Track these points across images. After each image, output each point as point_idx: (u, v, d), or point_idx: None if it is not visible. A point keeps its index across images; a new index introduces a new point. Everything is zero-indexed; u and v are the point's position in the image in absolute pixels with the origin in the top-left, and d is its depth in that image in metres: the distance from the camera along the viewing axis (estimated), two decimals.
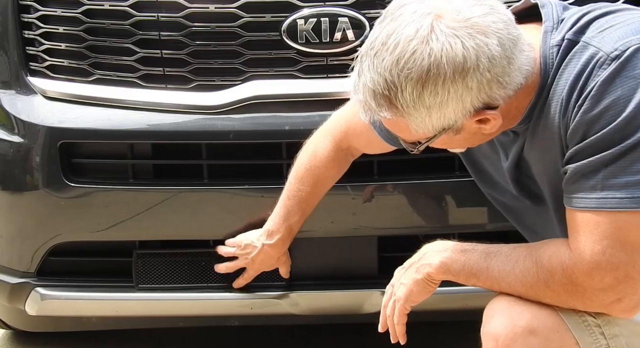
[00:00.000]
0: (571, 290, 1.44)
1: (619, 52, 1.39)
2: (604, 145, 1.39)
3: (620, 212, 1.38)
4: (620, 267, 1.39)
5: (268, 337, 2.93)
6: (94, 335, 2.91)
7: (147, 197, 2.24)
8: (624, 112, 1.37)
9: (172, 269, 2.30)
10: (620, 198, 1.37)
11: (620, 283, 1.40)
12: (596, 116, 1.39)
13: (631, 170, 1.37)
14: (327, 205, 2.20)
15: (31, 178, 2.28)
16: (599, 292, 1.42)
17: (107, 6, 2.21)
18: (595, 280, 1.41)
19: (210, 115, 2.21)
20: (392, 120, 1.48)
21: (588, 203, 1.40)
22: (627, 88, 1.37)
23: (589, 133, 1.40)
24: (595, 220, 1.40)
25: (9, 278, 2.37)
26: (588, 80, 1.41)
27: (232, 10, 2.16)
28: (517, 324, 1.49)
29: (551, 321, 1.48)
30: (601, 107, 1.39)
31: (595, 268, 1.40)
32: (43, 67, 2.29)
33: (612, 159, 1.38)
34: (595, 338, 1.48)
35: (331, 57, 2.17)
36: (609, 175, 1.38)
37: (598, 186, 1.39)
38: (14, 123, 2.29)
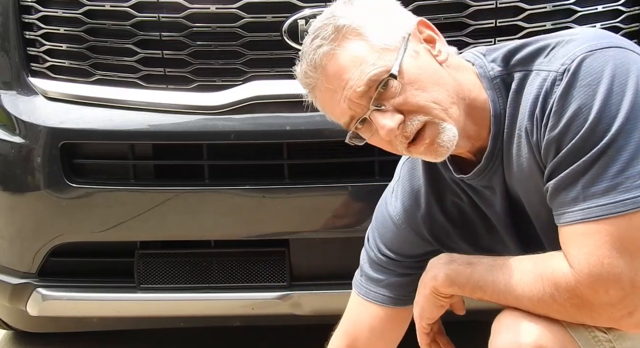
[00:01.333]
0: (578, 304, 1.38)
1: (567, 66, 1.38)
2: (576, 155, 1.36)
3: (606, 218, 1.34)
4: (622, 276, 1.33)
5: (269, 337, 2.93)
6: (95, 336, 2.91)
7: (148, 198, 2.24)
8: (588, 120, 1.35)
9: (173, 269, 2.30)
10: (604, 205, 1.34)
11: (628, 295, 1.34)
12: (563, 130, 1.38)
13: (608, 175, 1.34)
14: (328, 205, 2.20)
15: (32, 178, 2.28)
16: (607, 306, 1.36)
17: (108, 7, 2.21)
18: (600, 293, 1.35)
19: (211, 115, 2.21)
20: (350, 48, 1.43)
21: (574, 216, 1.36)
22: (584, 96, 1.36)
23: (560, 147, 1.38)
24: (584, 232, 1.35)
25: (10, 278, 2.37)
26: (546, 99, 1.40)
27: (233, 10, 2.16)
28: (524, 341, 1.44)
29: (560, 337, 1.44)
30: (565, 120, 1.37)
31: (597, 281, 1.34)
32: (44, 68, 2.29)
33: (586, 166, 1.35)
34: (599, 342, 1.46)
35: None
36: (587, 184, 1.35)
37: (580, 197, 1.36)
38: (15, 124, 2.30)
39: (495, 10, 2.17)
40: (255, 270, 2.29)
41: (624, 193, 1.33)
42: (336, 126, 2.20)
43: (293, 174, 2.21)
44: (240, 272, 2.29)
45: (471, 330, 1.69)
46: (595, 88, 1.36)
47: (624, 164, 1.33)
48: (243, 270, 2.29)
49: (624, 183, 1.33)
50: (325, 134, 2.19)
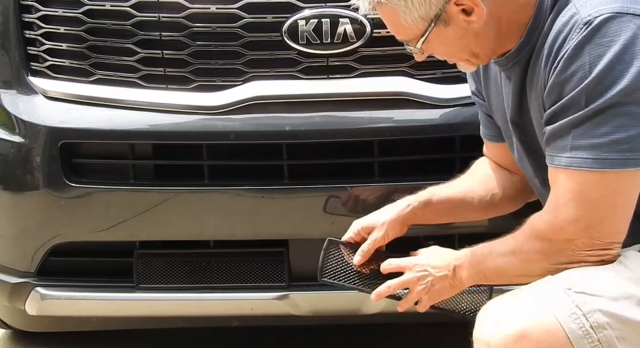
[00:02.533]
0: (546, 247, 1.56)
1: (591, 18, 1.48)
2: (573, 107, 1.49)
3: (584, 171, 1.49)
4: (579, 220, 1.51)
5: (268, 337, 2.93)
6: (94, 335, 2.91)
7: (147, 198, 2.24)
8: (589, 77, 1.47)
9: (172, 269, 2.30)
10: (585, 159, 1.48)
11: (581, 232, 1.52)
12: (566, 78, 1.50)
13: (596, 133, 1.47)
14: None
15: (32, 178, 2.28)
16: (566, 243, 1.54)
17: (108, 6, 2.21)
18: (558, 231, 1.54)
19: (211, 115, 2.21)
20: (384, 10, 1.62)
21: (560, 161, 1.52)
22: (594, 54, 1.47)
23: (561, 94, 1.51)
24: (564, 177, 1.52)
25: (9, 278, 2.37)
26: (564, 42, 1.51)
27: (233, 10, 2.16)
28: (507, 328, 1.50)
29: (542, 322, 1.49)
30: (571, 70, 1.49)
31: (558, 220, 1.53)
32: (44, 67, 2.29)
33: (579, 121, 1.48)
34: (586, 332, 1.49)
35: (332, 57, 2.17)
36: (577, 136, 1.49)
37: (568, 146, 1.50)
38: (15, 123, 2.30)
39: None
40: (254, 271, 2.29)
41: (606, 152, 1.47)
42: (336, 127, 2.21)
43: (292, 175, 2.21)
44: (239, 272, 2.29)
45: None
46: (607, 49, 1.46)
47: (613, 127, 1.46)
48: (242, 270, 2.29)
49: (609, 145, 1.47)
50: (325, 134, 2.19)
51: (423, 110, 2.19)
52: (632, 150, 1.46)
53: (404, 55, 2.17)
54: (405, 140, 2.20)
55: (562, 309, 1.49)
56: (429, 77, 2.19)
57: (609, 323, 1.48)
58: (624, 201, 1.51)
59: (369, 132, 2.19)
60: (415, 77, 2.19)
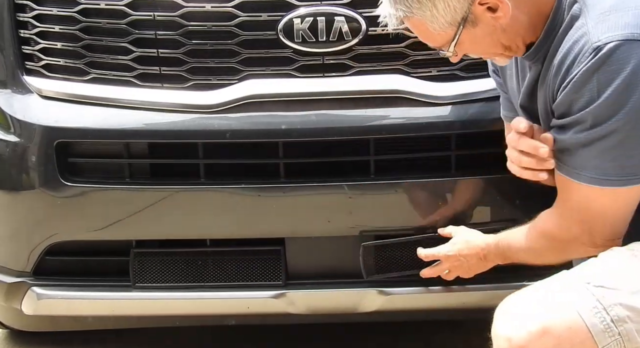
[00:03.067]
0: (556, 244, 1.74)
1: (601, 44, 1.53)
2: (580, 125, 1.58)
3: (588, 186, 1.61)
4: (584, 224, 1.67)
5: (266, 336, 2.93)
6: (90, 335, 2.90)
7: (143, 196, 2.24)
8: (597, 101, 1.53)
9: (169, 268, 2.30)
10: (591, 177, 1.60)
11: (585, 234, 1.69)
12: (575, 99, 1.58)
13: (603, 158, 1.57)
14: (324, 204, 2.20)
15: (27, 177, 2.28)
16: (572, 241, 1.70)
17: (103, 5, 2.21)
18: (565, 232, 1.71)
19: (206, 114, 2.20)
20: (412, 23, 1.69)
21: (566, 171, 1.64)
22: (602, 81, 1.53)
23: (569, 111, 1.59)
24: (571, 187, 1.65)
25: (5, 277, 2.36)
26: (573, 63, 1.58)
27: (229, 9, 2.16)
28: (530, 324, 1.51)
29: (564, 317, 1.50)
30: (579, 94, 1.56)
31: (566, 222, 1.70)
32: (39, 66, 2.29)
33: (586, 142, 1.58)
34: (607, 326, 1.50)
35: (327, 56, 2.17)
36: (584, 155, 1.59)
37: (576, 162, 1.61)
38: (10, 122, 2.29)
39: None
40: (250, 269, 2.29)
41: (611, 175, 1.58)
42: (332, 125, 2.21)
43: (289, 173, 2.21)
44: (236, 270, 2.29)
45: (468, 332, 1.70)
46: (615, 76, 1.51)
47: (619, 154, 1.56)
48: (239, 268, 2.29)
49: (614, 169, 1.58)
50: (321, 132, 2.19)
51: (418, 108, 2.19)
52: (635, 174, 1.57)
53: (400, 53, 2.18)
54: (401, 138, 2.20)
55: (583, 304, 1.51)
56: (425, 75, 2.19)
57: (629, 317, 1.50)
58: (625, 209, 1.65)
59: (364, 130, 2.19)
60: (411, 75, 2.19)
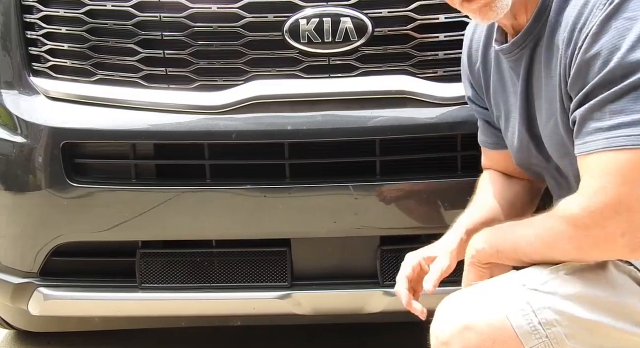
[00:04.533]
0: (583, 235, 1.43)
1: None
2: (606, 83, 1.40)
3: (627, 149, 1.37)
4: (621, 200, 1.37)
5: (270, 337, 2.93)
6: (96, 335, 2.91)
7: (149, 197, 2.24)
8: (620, 49, 1.39)
9: (175, 269, 2.31)
10: (627, 136, 1.37)
11: (621, 215, 1.38)
12: (595, 55, 1.42)
13: (637, 108, 1.37)
14: (329, 205, 2.20)
15: (34, 178, 2.28)
16: (602, 230, 1.41)
17: (110, 6, 2.21)
18: (594, 215, 1.40)
19: (212, 115, 2.21)
20: None
21: (596, 145, 1.40)
22: (621, 28, 1.40)
23: (591, 73, 1.42)
24: (601, 160, 1.40)
25: (12, 278, 2.37)
26: (586, 21, 1.44)
27: (235, 10, 2.16)
28: (453, 320, 1.52)
29: (489, 315, 1.50)
30: (598, 45, 1.42)
31: (595, 202, 1.40)
32: (46, 68, 2.29)
33: (616, 96, 1.39)
34: (534, 328, 1.49)
35: (333, 57, 2.17)
36: (614, 113, 1.38)
37: (605, 126, 1.39)
38: (17, 123, 2.30)
39: None
40: (256, 270, 2.30)
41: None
42: (337, 126, 2.21)
43: (294, 174, 2.21)
44: (242, 271, 2.29)
45: None
46: (634, 23, 1.40)
47: None
48: (244, 269, 2.29)
49: None
50: (327, 133, 2.19)
51: (425, 108, 2.19)
52: None
53: (406, 53, 2.18)
54: (407, 138, 2.20)
55: (512, 304, 1.50)
56: (431, 75, 2.19)
57: (557, 321, 1.48)
58: None
59: (370, 131, 2.19)
60: (417, 75, 2.19)
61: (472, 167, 2.19)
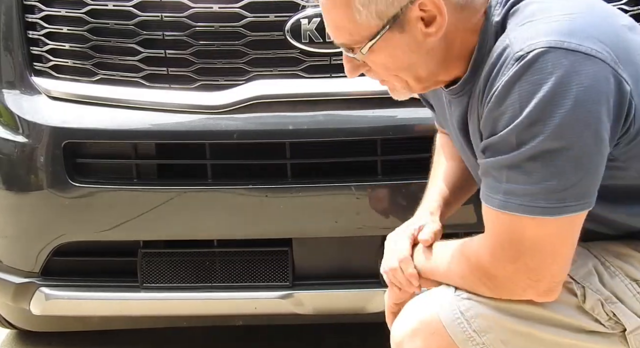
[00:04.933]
0: (490, 281, 1.49)
1: (523, 53, 1.37)
2: (505, 146, 1.40)
3: (518, 216, 1.41)
4: (517, 260, 1.43)
5: (271, 336, 2.93)
6: (98, 335, 2.91)
7: (151, 197, 2.24)
8: (519, 117, 1.36)
9: (176, 269, 2.31)
10: (519, 205, 1.40)
11: (521, 273, 1.45)
12: (498, 116, 1.40)
13: (529, 180, 1.38)
14: (331, 205, 2.21)
15: (35, 178, 2.28)
16: (508, 281, 1.46)
17: (111, 6, 2.21)
18: (499, 269, 1.46)
19: (214, 114, 2.21)
20: (337, 3, 1.46)
21: (493, 203, 1.43)
22: (524, 93, 1.36)
23: (494, 130, 1.42)
24: (499, 218, 1.43)
25: (14, 278, 2.37)
26: (497, 77, 1.41)
27: (236, 10, 2.17)
28: (403, 328, 1.58)
29: (429, 323, 1.54)
30: (502, 108, 1.39)
31: (496, 259, 1.45)
32: (47, 67, 2.29)
33: (512, 163, 1.39)
34: (470, 336, 1.51)
35: (335, 56, 2.17)
36: (510, 179, 1.40)
37: (502, 189, 1.41)
38: (19, 123, 2.30)
39: None
40: (258, 270, 2.30)
41: (540, 200, 1.38)
42: (339, 125, 2.21)
43: (296, 174, 2.21)
44: (243, 271, 2.29)
45: None
46: (538, 87, 1.35)
47: (547, 175, 1.37)
48: (246, 269, 2.29)
49: (543, 193, 1.38)
50: (328, 133, 2.19)
51: (425, 108, 2.19)
52: (566, 199, 1.38)
53: None
54: (408, 138, 2.20)
55: (446, 313, 1.53)
56: None
57: (490, 327, 1.50)
58: (561, 245, 1.43)
59: (372, 130, 2.19)
60: None
61: None
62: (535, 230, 1.41)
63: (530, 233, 1.41)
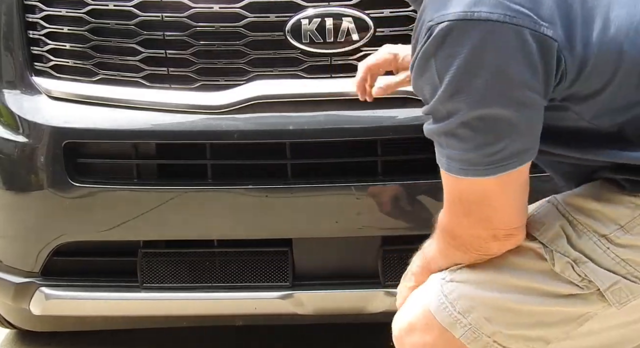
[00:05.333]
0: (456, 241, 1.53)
1: (433, 23, 1.37)
2: (438, 115, 1.42)
3: (459, 178, 1.45)
4: (469, 214, 1.48)
5: (271, 337, 2.93)
6: (98, 335, 2.91)
7: (151, 197, 2.24)
8: (440, 89, 1.38)
9: (176, 269, 2.31)
10: (459, 168, 1.43)
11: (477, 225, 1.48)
12: (422, 87, 1.43)
13: (465, 147, 1.41)
14: (331, 205, 2.21)
15: (36, 178, 2.29)
16: (469, 236, 1.50)
17: (112, 6, 2.22)
18: (458, 226, 1.51)
19: (214, 115, 2.21)
20: None
21: (441, 165, 1.47)
22: (439, 68, 1.37)
23: (425, 98, 1.44)
24: (446, 179, 1.49)
25: (14, 278, 2.37)
26: (416, 44, 1.42)
27: (237, 10, 2.17)
28: (401, 323, 1.61)
29: (422, 314, 1.56)
30: (423, 79, 1.41)
31: (453, 216, 1.51)
32: (48, 67, 2.30)
33: (447, 131, 1.42)
34: (456, 319, 1.53)
35: (335, 57, 2.18)
36: (449, 145, 1.43)
37: (444, 153, 1.45)
38: (19, 123, 2.30)
39: None
40: (258, 270, 2.30)
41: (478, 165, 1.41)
42: (339, 126, 2.21)
43: (296, 174, 2.21)
44: (243, 271, 2.29)
45: None
46: (452, 61, 1.35)
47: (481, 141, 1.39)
48: (246, 269, 2.29)
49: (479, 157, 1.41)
50: (329, 133, 2.19)
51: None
52: (502, 159, 1.40)
53: None
54: (408, 138, 2.20)
55: (432, 300, 1.55)
56: None
57: (473, 307, 1.52)
58: (506, 196, 1.46)
59: (372, 131, 2.19)
60: None
61: None
62: (477, 188, 1.45)
63: (474, 190, 1.45)
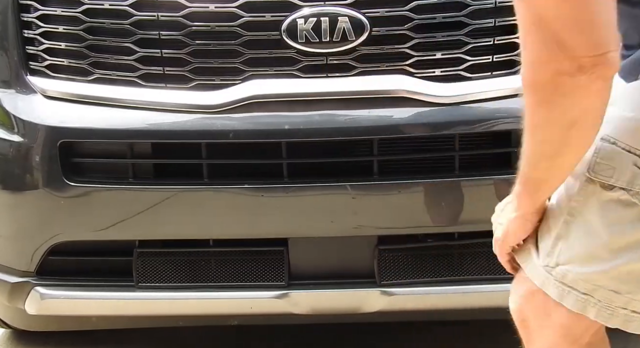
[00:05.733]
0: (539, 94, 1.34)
1: None
2: None
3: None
4: (546, 40, 1.29)
5: (267, 336, 2.93)
6: (93, 335, 2.91)
7: (147, 197, 2.24)
8: None
9: (172, 268, 2.31)
10: None
11: (557, 54, 1.29)
12: None
13: None
14: (327, 205, 2.21)
15: (31, 177, 2.28)
16: (552, 73, 1.31)
17: (107, 5, 2.21)
18: (535, 64, 1.32)
19: (210, 114, 2.21)
20: None
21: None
22: None
23: None
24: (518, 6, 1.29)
25: (9, 277, 2.37)
26: None
27: (232, 9, 2.16)
28: (516, 296, 1.60)
29: (544, 312, 1.55)
30: None
31: (529, 52, 1.32)
32: (43, 67, 2.29)
33: None
34: (585, 300, 1.49)
35: (331, 56, 2.18)
36: None
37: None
38: (14, 122, 2.30)
39: (495, 9, 2.17)
40: (253, 269, 2.30)
41: None
42: (335, 125, 2.22)
43: (292, 173, 2.21)
44: (239, 271, 2.29)
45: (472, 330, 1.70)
46: None
47: None
48: (242, 269, 2.29)
49: None
50: (324, 133, 2.19)
51: (422, 108, 2.19)
52: None
53: (403, 53, 2.18)
54: (404, 138, 2.20)
55: (551, 292, 1.52)
56: (428, 75, 2.19)
57: (594, 285, 1.49)
58: (585, 8, 1.26)
59: (368, 130, 2.19)
60: (415, 75, 2.19)
61: (469, 166, 2.20)
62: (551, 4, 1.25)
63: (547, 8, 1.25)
